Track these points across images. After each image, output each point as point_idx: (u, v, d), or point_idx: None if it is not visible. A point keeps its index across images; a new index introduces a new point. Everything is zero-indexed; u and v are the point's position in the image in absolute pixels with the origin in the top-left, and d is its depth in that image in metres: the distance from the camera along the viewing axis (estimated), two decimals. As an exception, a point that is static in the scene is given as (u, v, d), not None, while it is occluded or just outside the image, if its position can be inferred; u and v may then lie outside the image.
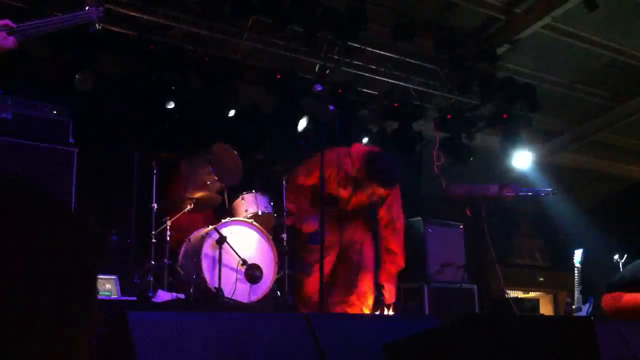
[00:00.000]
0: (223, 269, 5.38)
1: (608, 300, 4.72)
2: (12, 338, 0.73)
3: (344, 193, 4.20)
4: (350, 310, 4.39)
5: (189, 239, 5.85)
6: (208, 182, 6.07)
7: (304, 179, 4.42)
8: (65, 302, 0.79)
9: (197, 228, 5.97)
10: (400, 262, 4.51)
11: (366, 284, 4.48)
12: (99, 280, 5.12)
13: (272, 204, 6.11)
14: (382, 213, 4.48)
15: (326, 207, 4.19)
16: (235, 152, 6.45)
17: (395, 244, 4.48)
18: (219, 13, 6.21)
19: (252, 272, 5.54)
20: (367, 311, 4.43)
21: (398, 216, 4.49)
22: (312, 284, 4.37)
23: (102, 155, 6.24)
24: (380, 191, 4.30)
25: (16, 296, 0.73)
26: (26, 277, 0.74)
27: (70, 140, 5.14)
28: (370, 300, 4.48)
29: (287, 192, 4.68)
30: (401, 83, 7.58)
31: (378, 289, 4.50)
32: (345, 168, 4.26)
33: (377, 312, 4.39)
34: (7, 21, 3.15)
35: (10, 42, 3.12)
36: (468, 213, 5.71)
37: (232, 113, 6.95)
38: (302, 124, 7.29)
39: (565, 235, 8.95)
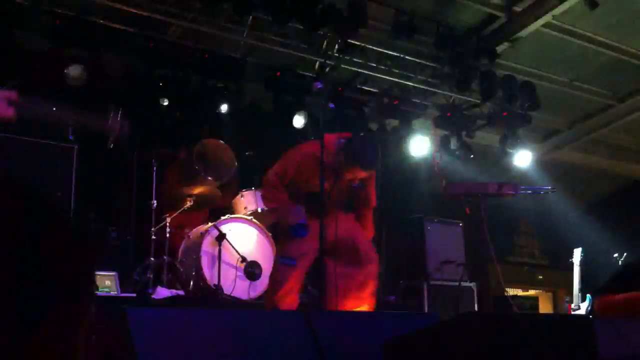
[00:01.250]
0: (222, 266, 5.38)
1: (601, 304, 4.72)
2: (11, 337, 0.73)
3: (325, 186, 4.14)
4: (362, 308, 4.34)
5: (189, 236, 5.85)
6: (200, 177, 6.06)
7: (279, 180, 4.38)
8: (60, 299, 0.78)
9: (196, 225, 5.97)
10: (372, 232, 4.64)
11: (372, 278, 4.45)
12: (99, 276, 5.12)
13: (271, 201, 6.11)
14: (363, 194, 4.50)
15: (310, 204, 4.18)
16: (227, 146, 6.43)
17: (370, 219, 4.59)
18: (219, 10, 6.21)
19: (251, 269, 5.54)
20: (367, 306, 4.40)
21: (373, 194, 4.57)
22: (296, 277, 4.33)
23: (101, 152, 6.24)
24: (362, 174, 4.27)
25: (10, 293, 0.73)
26: (20, 274, 0.74)
27: (70, 137, 5.13)
28: (374, 293, 4.45)
29: (264, 192, 4.62)
30: (401, 81, 7.57)
31: None
32: (321, 159, 4.22)
33: None
34: (12, 94, 3.03)
35: (10, 112, 3.01)
36: (467, 211, 5.71)
37: (224, 109, 6.92)
38: (299, 121, 7.27)
39: (565, 234, 8.95)
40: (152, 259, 5.58)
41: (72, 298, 0.81)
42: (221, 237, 5.45)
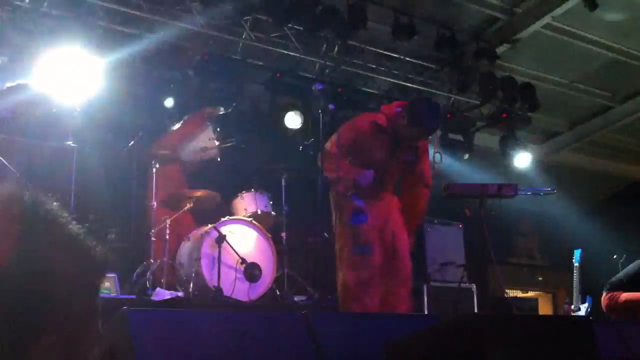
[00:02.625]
0: (222, 268, 5.37)
1: (606, 300, 4.75)
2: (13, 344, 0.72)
3: (381, 153, 4.07)
4: (396, 301, 4.28)
5: (189, 238, 5.85)
6: (205, 146, 6.03)
7: (339, 148, 4.24)
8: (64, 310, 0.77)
9: (196, 227, 5.96)
10: (422, 215, 4.63)
11: (407, 265, 4.40)
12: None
13: (271, 202, 6.11)
14: (417, 170, 4.42)
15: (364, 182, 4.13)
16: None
17: (424, 199, 4.52)
18: (219, 11, 6.20)
19: (251, 271, 5.53)
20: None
21: (428, 172, 4.51)
22: (375, 267, 4.20)
23: (101, 152, 6.24)
24: (423, 137, 4.22)
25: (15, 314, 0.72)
26: (22, 295, 0.73)
27: (70, 137, 5.12)
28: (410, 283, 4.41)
29: (324, 162, 4.39)
30: (401, 82, 7.57)
31: None
32: (381, 123, 4.15)
33: None
34: None
35: None
36: (467, 212, 5.70)
37: (222, 111, 6.92)
38: (293, 121, 7.23)
39: (565, 235, 8.94)
40: (152, 260, 5.58)
41: (78, 308, 0.80)
42: (221, 238, 5.44)
